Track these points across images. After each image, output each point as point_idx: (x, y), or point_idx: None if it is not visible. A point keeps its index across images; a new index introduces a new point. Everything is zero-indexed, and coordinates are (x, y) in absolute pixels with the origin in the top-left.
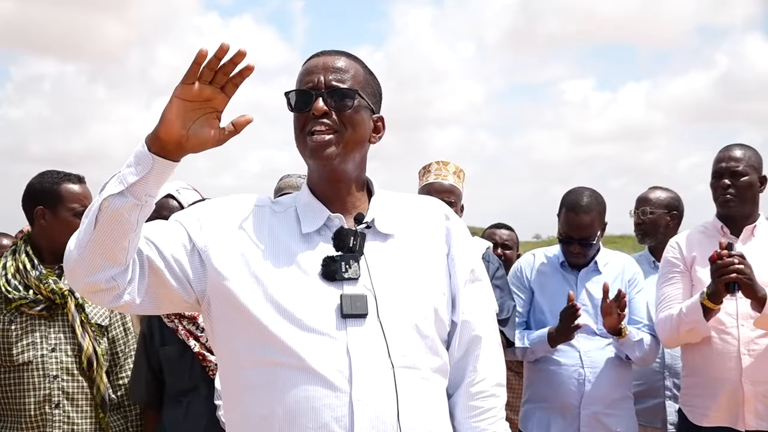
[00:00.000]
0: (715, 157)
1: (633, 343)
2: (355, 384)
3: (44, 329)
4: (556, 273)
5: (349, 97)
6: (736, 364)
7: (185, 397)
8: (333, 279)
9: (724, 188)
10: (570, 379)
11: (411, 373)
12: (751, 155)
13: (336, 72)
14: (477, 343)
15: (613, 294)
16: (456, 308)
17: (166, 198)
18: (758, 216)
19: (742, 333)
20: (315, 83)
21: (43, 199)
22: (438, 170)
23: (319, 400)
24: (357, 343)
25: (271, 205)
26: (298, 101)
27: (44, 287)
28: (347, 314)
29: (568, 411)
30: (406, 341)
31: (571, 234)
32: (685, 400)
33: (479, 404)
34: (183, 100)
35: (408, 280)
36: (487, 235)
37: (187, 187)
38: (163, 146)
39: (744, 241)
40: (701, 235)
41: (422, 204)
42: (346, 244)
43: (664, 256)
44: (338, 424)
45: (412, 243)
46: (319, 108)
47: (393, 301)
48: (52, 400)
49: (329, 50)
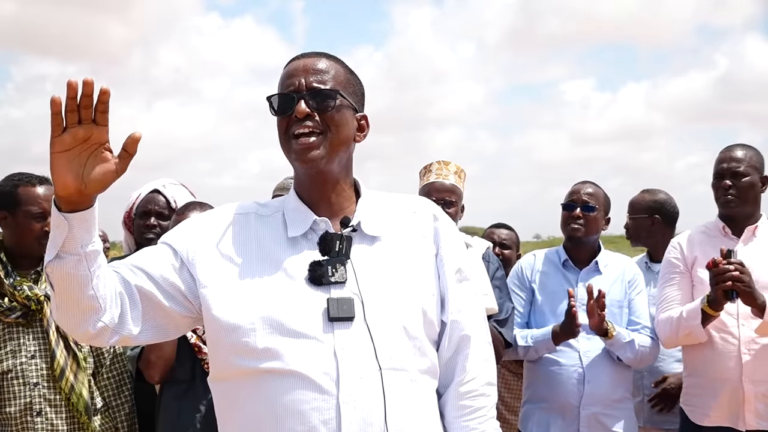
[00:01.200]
0: (717, 157)
1: (622, 344)
2: (342, 386)
3: (23, 337)
4: (557, 272)
5: (331, 98)
6: (736, 363)
7: (181, 387)
8: (320, 283)
9: (725, 189)
10: (570, 379)
11: (399, 374)
12: (752, 155)
13: (316, 74)
14: (466, 343)
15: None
16: (445, 308)
17: (153, 193)
18: (760, 216)
19: (742, 333)
20: (296, 86)
21: (3, 203)
22: (439, 170)
23: (306, 403)
24: (344, 346)
25: (257, 210)
26: (280, 105)
27: (19, 294)
28: (334, 317)
29: (567, 411)
30: (393, 343)
31: (573, 199)
32: (686, 400)
33: (469, 403)
34: (62, 153)
35: (395, 282)
36: (487, 234)
37: (174, 183)
38: (68, 201)
39: (745, 242)
40: (702, 236)
41: (411, 204)
42: (332, 248)
43: (666, 257)
44: (326, 426)
45: (400, 244)
46: (301, 110)
47: (380, 303)
48: (33, 408)
49: (309, 52)
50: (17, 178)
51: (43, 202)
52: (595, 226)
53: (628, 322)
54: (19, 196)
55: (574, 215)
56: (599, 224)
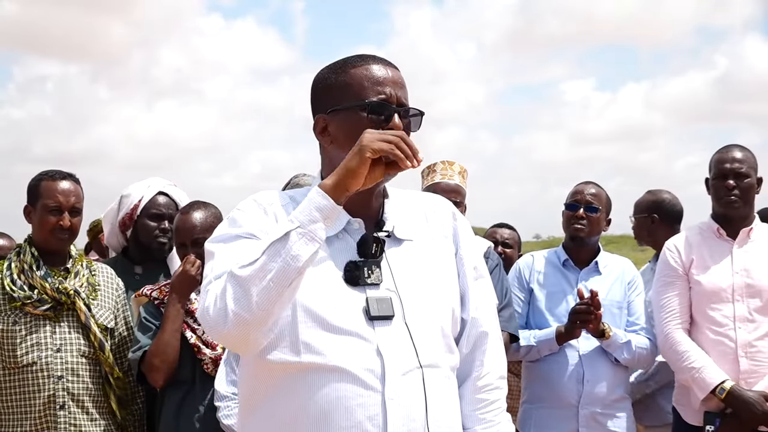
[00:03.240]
0: (715, 157)
1: (619, 344)
2: (388, 383)
3: (49, 329)
4: (557, 273)
5: (418, 124)
6: (733, 366)
7: (181, 388)
8: (356, 284)
9: (729, 189)
10: (569, 378)
11: (435, 372)
12: (750, 156)
13: (403, 89)
14: (484, 339)
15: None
16: (465, 306)
17: (160, 196)
18: (754, 218)
19: (739, 336)
20: (389, 96)
21: (29, 197)
22: (444, 170)
23: (351, 399)
24: (387, 344)
25: (291, 203)
26: (374, 108)
27: (50, 286)
28: (375, 316)
29: (566, 411)
30: (430, 341)
31: (577, 199)
32: (679, 400)
33: (485, 397)
34: (374, 157)
35: (428, 282)
36: (489, 234)
37: (172, 184)
38: (347, 195)
39: (740, 244)
40: (698, 237)
41: (430, 204)
42: (369, 251)
43: (662, 260)
44: (371, 422)
45: (427, 245)
46: (397, 124)
47: (417, 303)
48: (57, 401)
49: (386, 60)
50: (43, 174)
51: (60, 196)
52: (598, 227)
53: (627, 322)
54: (40, 190)
55: (577, 215)
56: (601, 225)
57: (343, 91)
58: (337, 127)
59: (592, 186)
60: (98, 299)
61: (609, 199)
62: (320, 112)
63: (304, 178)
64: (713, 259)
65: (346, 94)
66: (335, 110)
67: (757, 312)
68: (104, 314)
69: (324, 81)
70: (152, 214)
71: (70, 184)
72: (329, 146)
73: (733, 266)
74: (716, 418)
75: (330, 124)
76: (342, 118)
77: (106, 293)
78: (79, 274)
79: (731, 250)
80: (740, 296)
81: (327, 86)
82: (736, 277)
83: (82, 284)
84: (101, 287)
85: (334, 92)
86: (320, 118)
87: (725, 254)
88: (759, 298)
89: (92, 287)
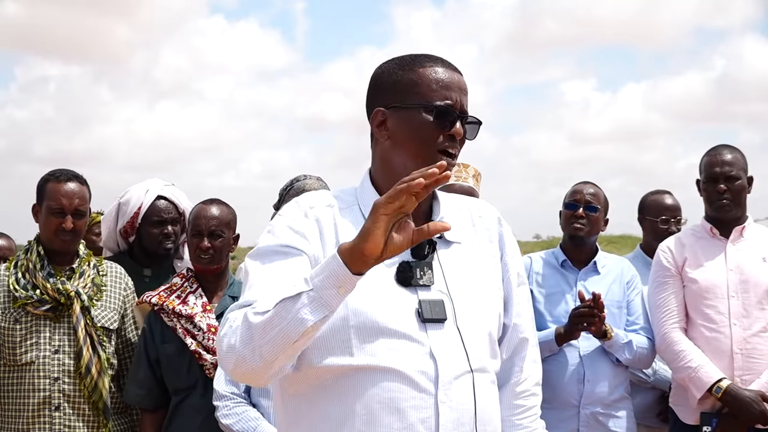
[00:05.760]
0: (705, 160)
1: (621, 345)
2: (441, 386)
3: (49, 330)
4: (556, 273)
5: (476, 132)
6: (728, 363)
7: (182, 394)
8: (408, 284)
9: (720, 193)
10: (570, 379)
11: (484, 376)
12: (740, 157)
13: (466, 97)
14: (524, 345)
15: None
16: (508, 311)
17: (161, 200)
18: (746, 218)
19: (734, 332)
20: (454, 102)
21: (37, 197)
22: (458, 172)
23: (404, 401)
24: (440, 347)
25: (336, 203)
26: (440, 112)
27: (50, 287)
28: (427, 319)
29: (567, 411)
30: (479, 345)
31: (576, 198)
32: (676, 400)
33: (523, 402)
34: (387, 215)
35: (478, 286)
36: None
37: (168, 184)
38: (365, 262)
39: (733, 242)
40: (692, 238)
41: (477, 208)
42: (422, 252)
43: (656, 260)
44: (423, 425)
45: (475, 249)
46: (459, 132)
47: (468, 306)
48: (52, 402)
49: (452, 64)
50: (50, 174)
51: (63, 199)
52: (597, 226)
53: (626, 322)
54: (46, 191)
55: (577, 215)
56: (600, 224)
57: (409, 88)
58: (397, 123)
59: (590, 186)
60: (103, 300)
61: (607, 199)
62: (379, 105)
63: (306, 181)
64: (707, 256)
65: (411, 92)
66: (397, 107)
67: (752, 308)
68: (107, 315)
69: (389, 75)
70: (154, 222)
71: (75, 186)
72: (385, 141)
73: (727, 263)
74: (713, 418)
75: (389, 119)
76: (403, 116)
77: (112, 293)
78: (84, 274)
79: (725, 248)
80: (735, 293)
81: (392, 81)
82: (731, 274)
83: (86, 285)
84: (107, 287)
85: (399, 88)
86: (379, 111)
87: (719, 252)
88: (753, 294)
89: (97, 287)
